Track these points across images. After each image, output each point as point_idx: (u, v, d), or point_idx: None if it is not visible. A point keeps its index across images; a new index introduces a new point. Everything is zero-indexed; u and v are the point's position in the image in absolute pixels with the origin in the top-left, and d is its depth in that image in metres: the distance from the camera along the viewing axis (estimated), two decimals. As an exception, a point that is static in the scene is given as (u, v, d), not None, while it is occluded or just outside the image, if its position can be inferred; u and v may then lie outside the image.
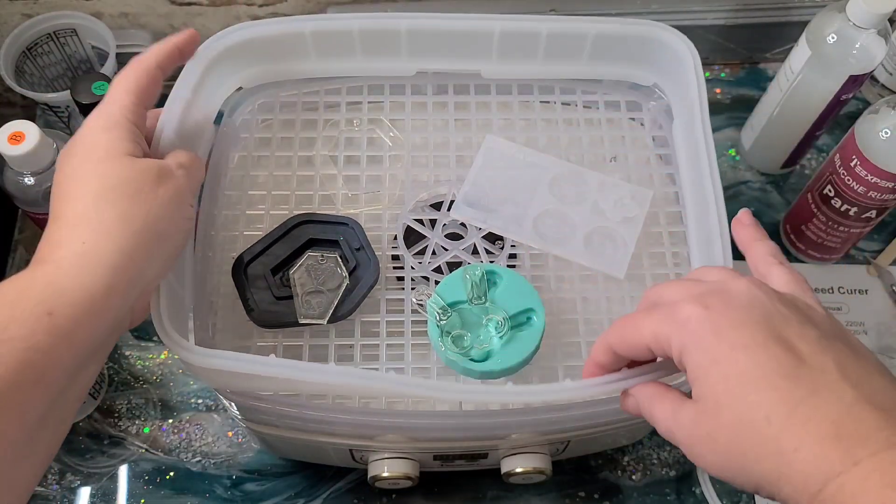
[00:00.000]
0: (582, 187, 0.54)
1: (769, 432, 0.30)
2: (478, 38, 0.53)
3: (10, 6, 0.69)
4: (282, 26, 0.52)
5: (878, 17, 0.57)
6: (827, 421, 0.30)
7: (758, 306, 0.33)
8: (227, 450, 0.60)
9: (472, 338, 0.47)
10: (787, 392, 0.30)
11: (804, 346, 0.31)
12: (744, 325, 0.32)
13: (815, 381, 0.31)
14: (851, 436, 0.29)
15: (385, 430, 0.49)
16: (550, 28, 0.53)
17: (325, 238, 0.50)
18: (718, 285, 0.34)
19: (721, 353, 0.32)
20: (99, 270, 0.35)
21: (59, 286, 0.34)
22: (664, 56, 0.53)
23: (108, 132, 0.39)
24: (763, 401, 0.31)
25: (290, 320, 0.47)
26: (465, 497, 0.58)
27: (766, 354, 0.31)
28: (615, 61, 0.55)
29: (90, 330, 0.34)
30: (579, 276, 0.52)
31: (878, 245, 0.69)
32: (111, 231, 0.36)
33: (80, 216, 0.36)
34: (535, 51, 0.54)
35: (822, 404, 0.30)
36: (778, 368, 0.31)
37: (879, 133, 0.56)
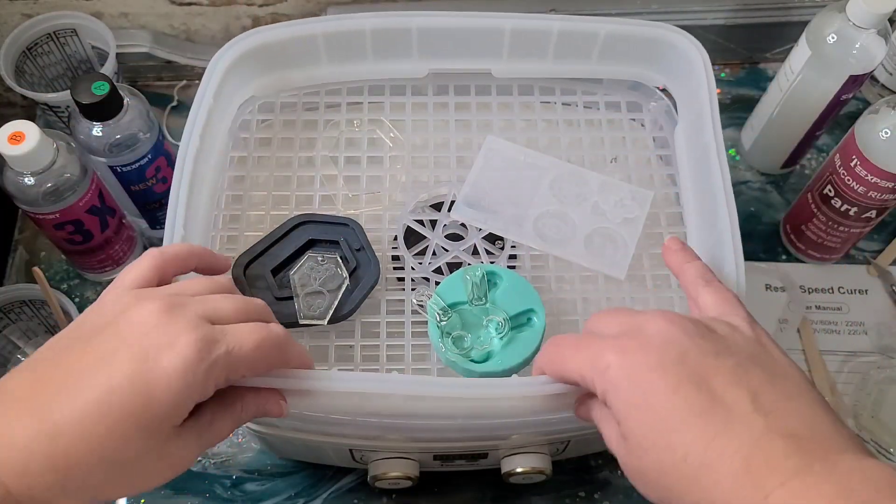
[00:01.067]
0: (582, 188, 0.54)
1: (688, 471, 0.31)
2: (489, 37, 0.54)
3: (10, 6, 0.69)
4: (291, 29, 0.53)
5: (878, 17, 0.57)
6: (739, 455, 0.31)
7: (673, 345, 0.34)
8: (227, 450, 0.60)
9: (473, 339, 0.47)
10: (701, 429, 0.31)
11: (718, 380, 0.32)
12: (657, 369, 0.33)
13: (728, 414, 0.31)
14: (760, 468, 0.30)
15: (385, 430, 0.49)
16: (561, 27, 0.53)
17: (325, 239, 0.50)
18: (638, 325, 0.35)
19: (637, 398, 0.33)
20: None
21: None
22: (673, 58, 0.53)
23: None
24: (679, 442, 0.32)
25: (291, 321, 0.47)
26: (465, 497, 0.58)
27: (679, 396, 0.32)
28: (624, 61, 0.56)
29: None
30: (580, 276, 0.52)
31: (878, 245, 0.69)
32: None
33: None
34: (545, 49, 0.54)
35: (735, 438, 0.31)
36: (691, 408, 0.32)
37: (879, 133, 0.56)
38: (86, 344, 0.34)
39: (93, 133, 0.56)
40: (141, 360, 0.32)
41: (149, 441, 0.33)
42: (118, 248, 0.63)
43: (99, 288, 0.66)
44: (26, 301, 0.61)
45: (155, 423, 0.33)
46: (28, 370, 0.34)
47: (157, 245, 0.66)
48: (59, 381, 0.32)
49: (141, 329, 0.33)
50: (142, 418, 0.32)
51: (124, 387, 0.32)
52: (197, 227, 0.48)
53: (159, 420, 0.33)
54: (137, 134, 0.57)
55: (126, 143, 0.56)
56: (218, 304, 0.37)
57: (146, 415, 0.32)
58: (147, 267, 0.38)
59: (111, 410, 0.32)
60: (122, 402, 0.32)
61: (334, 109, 0.57)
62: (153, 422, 0.33)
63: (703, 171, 0.49)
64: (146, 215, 0.64)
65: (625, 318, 0.36)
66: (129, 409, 0.32)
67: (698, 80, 0.51)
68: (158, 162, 0.59)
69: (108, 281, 0.65)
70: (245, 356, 0.35)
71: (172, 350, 0.33)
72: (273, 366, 0.37)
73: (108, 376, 0.32)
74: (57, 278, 0.66)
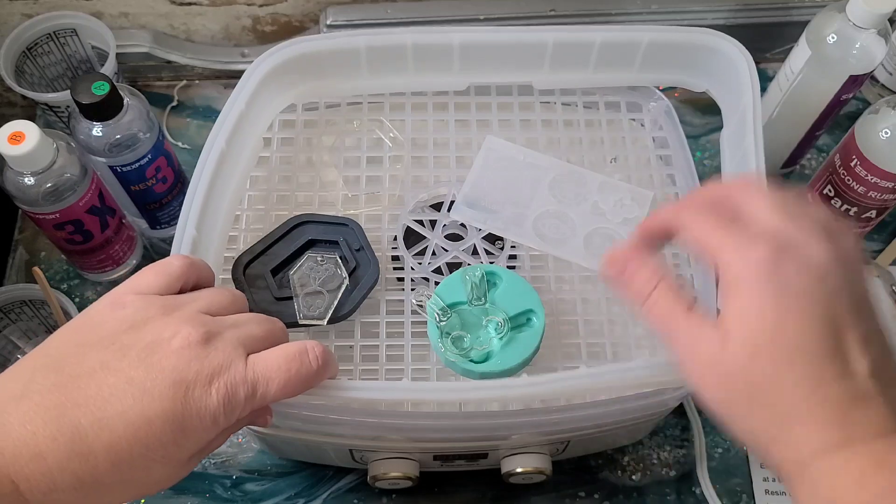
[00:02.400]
0: (582, 188, 0.54)
1: (789, 395, 0.32)
2: (530, 51, 0.53)
3: (10, 6, 0.69)
4: (335, 42, 0.53)
5: (878, 17, 0.56)
6: (840, 407, 0.31)
7: (829, 283, 0.33)
8: (227, 450, 0.60)
9: (472, 339, 0.47)
10: (818, 370, 0.31)
11: (850, 335, 0.32)
12: (807, 296, 0.32)
13: (846, 369, 0.32)
14: (855, 423, 0.31)
15: (385, 430, 0.49)
16: (604, 38, 0.53)
17: (325, 239, 0.50)
18: (799, 242, 0.33)
19: (774, 312, 0.32)
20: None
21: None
22: (717, 63, 0.53)
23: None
24: (796, 370, 0.32)
25: (290, 321, 0.47)
26: (465, 497, 0.58)
27: (815, 332, 0.32)
28: (666, 69, 0.55)
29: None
30: (579, 277, 0.52)
31: (878, 245, 0.69)
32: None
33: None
34: (587, 61, 0.54)
35: (844, 392, 0.31)
36: (819, 348, 0.32)
37: (879, 133, 0.56)
38: (116, 356, 0.33)
39: (93, 133, 0.56)
40: (178, 397, 0.33)
41: (169, 467, 0.34)
42: (118, 248, 0.63)
43: (99, 288, 0.66)
44: (26, 301, 0.61)
45: (180, 455, 0.34)
46: (53, 370, 0.33)
47: (157, 245, 0.67)
48: (91, 396, 0.32)
49: (179, 360, 0.33)
50: (169, 450, 0.33)
51: (159, 422, 0.32)
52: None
53: (186, 453, 0.34)
54: (137, 134, 0.57)
55: (126, 143, 0.56)
56: (252, 330, 0.37)
57: (174, 448, 0.33)
58: (176, 274, 0.38)
59: (143, 443, 0.32)
60: (155, 436, 0.32)
61: (334, 109, 0.57)
62: (180, 453, 0.34)
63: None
64: (146, 215, 0.64)
65: (784, 220, 0.34)
66: (161, 442, 0.33)
67: (742, 84, 0.50)
68: (158, 162, 0.59)
69: (109, 281, 0.65)
70: (272, 396, 0.35)
71: (210, 388, 0.33)
72: (295, 394, 0.37)
73: (144, 407, 0.32)
74: (57, 278, 0.66)
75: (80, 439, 0.31)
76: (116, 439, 0.32)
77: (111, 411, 0.32)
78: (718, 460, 0.60)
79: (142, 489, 0.34)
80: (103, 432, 0.32)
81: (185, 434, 0.33)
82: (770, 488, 0.59)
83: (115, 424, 0.32)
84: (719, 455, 0.60)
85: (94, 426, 0.32)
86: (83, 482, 0.32)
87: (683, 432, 0.61)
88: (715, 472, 0.59)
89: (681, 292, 0.36)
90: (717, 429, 0.61)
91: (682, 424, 0.61)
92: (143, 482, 0.34)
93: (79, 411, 0.32)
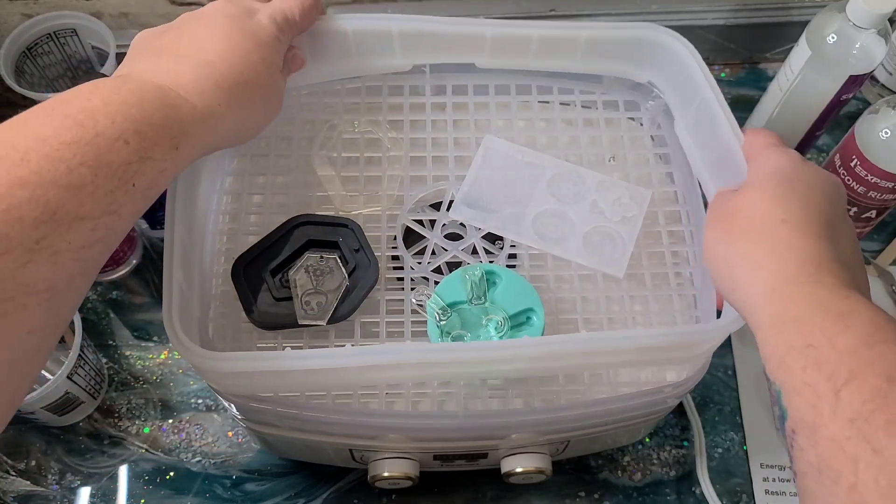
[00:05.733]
0: (581, 187, 0.54)
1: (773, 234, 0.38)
2: (470, 41, 0.53)
3: (10, 6, 0.70)
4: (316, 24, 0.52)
5: (878, 17, 0.56)
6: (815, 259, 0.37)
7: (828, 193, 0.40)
8: (227, 450, 0.60)
9: (472, 338, 0.47)
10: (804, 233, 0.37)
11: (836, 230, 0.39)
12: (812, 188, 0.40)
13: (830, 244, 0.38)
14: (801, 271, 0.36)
15: (385, 430, 0.49)
16: (542, 34, 0.52)
17: (324, 239, 0.50)
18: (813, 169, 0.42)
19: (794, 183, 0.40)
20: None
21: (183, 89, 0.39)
22: (662, 57, 0.53)
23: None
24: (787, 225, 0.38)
25: (290, 322, 0.47)
26: (465, 497, 0.58)
27: (808, 212, 0.38)
28: (609, 63, 0.54)
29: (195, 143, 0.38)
30: (578, 275, 0.52)
31: (878, 245, 0.69)
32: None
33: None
34: (526, 50, 0.53)
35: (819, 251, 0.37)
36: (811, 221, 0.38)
37: (879, 133, 0.56)
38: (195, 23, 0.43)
39: (92, 133, 0.56)
40: (246, 28, 0.43)
41: (270, 70, 0.44)
42: (118, 248, 0.63)
43: (99, 288, 0.66)
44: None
45: (269, 54, 0.44)
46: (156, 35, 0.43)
47: (157, 244, 0.67)
48: (191, 35, 0.42)
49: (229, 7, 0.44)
50: (261, 51, 0.43)
51: (238, 33, 0.43)
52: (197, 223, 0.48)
53: (271, 52, 0.44)
54: (137, 134, 0.57)
55: (125, 143, 0.56)
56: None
57: (262, 48, 0.43)
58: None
59: (241, 48, 0.42)
60: (244, 43, 0.42)
61: (332, 110, 0.57)
62: (268, 53, 0.44)
63: (722, 168, 0.48)
64: (146, 215, 0.64)
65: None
66: (250, 47, 0.42)
67: (692, 73, 0.50)
68: (158, 162, 0.59)
69: (108, 280, 0.66)
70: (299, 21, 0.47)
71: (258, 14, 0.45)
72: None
73: (227, 30, 0.42)
74: (57, 278, 0.66)
75: (201, 59, 0.40)
76: (226, 50, 0.41)
77: (211, 38, 0.42)
78: (718, 460, 0.60)
79: (260, 95, 0.43)
80: (215, 50, 0.41)
81: (261, 41, 0.43)
82: (770, 488, 0.59)
83: (218, 43, 0.41)
84: (719, 455, 0.60)
85: (206, 49, 0.41)
86: (220, 85, 0.40)
87: (683, 432, 0.61)
88: (715, 472, 0.59)
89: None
90: (717, 429, 0.61)
91: (682, 424, 0.61)
92: (259, 86, 0.42)
93: (194, 46, 0.41)
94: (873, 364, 0.30)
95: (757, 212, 0.39)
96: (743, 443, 0.60)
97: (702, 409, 0.61)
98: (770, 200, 0.39)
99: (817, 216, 0.38)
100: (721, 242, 0.40)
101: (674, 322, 0.51)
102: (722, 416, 0.61)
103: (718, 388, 0.62)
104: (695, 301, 0.51)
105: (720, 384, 0.63)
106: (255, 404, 0.46)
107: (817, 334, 0.32)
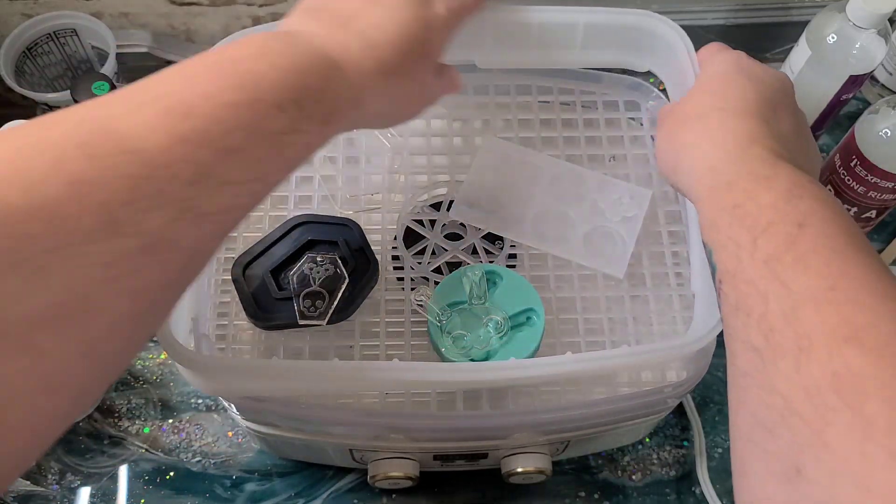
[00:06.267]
0: (581, 187, 0.54)
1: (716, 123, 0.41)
2: (471, 30, 0.52)
3: (10, 6, 0.70)
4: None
5: (878, 17, 0.57)
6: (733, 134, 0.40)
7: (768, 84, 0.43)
8: (227, 450, 0.60)
9: (472, 338, 0.47)
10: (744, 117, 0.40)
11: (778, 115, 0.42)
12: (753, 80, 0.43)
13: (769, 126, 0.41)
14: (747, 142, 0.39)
15: (385, 430, 0.49)
16: (541, 18, 0.52)
17: (324, 239, 0.50)
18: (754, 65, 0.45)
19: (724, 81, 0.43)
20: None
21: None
22: (661, 47, 0.52)
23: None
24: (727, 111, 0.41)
25: (290, 321, 0.47)
26: (465, 497, 0.58)
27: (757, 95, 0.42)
28: (608, 50, 0.54)
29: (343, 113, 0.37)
30: (579, 275, 0.52)
31: (878, 245, 0.69)
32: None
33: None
34: (526, 41, 0.53)
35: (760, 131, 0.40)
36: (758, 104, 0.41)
37: (879, 133, 0.56)
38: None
39: (92, 133, 0.56)
40: (420, 8, 0.42)
41: (426, 64, 0.42)
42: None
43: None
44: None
45: (431, 51, 0.43)
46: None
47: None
48: (369, 11, 0.40)
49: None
50: (425, 45, 0.42)
51: (413, 19, 0.41)
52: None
53: (433, 48, 0.43)
54: (137, 134, 0.57)
55: (126, 143, 0.56)
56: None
57: (428, 42, 0.42)
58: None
59: (411, 38, 0.40)
60: (416, 33, 0.41)
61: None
62: (430, 48, 0.42)
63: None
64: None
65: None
66: (419, 39, 0.41)
67: (683, 65, 0.50)
68: (158, 162, 0.59)
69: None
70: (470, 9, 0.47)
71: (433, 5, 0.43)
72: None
73: (404, 15, 0.41)
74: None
75: (367, 35, 0.39)
76: (398, 32, 0.40)
77: (379, 18, 0.40)
78: (718, 460, 0.60)
79: (414, 83, 0.42)
80: (381, 26, 0.40)
81: (432, 30, 0.42)
82: (770, 488, 0.59)
83: (385, 23, 0.40)
84: (719, 455, 0.60)
85: (372, 27, 0.39)
86: (379, 69, 0.39)
87: (683, 432, 0.61)
88: (715, 472, 0.59)
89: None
90: (717, 429, 0.61)
91: (682, 424, 0.61)
92: (408, 73, 0.41)
93: (357, 20, 0.39)
94: (788, 214, 0.34)
95: (697, 106, 0.43)
96: (743, 443, 0.60)
97: (702, 409, 0.61)
98: (709, 94, 0.43)
99: (754, 102, 0.41)
100: (665, 139, 0.44)
101: (673, 322, 0.51)
102: (722, 416, 0.61)
103: (718, 388, 0.62)
104: (695, 301, 0.51)
105: (720, 384, 0.62)
106: (255, 404, 0.46)
107: (742, 196, 0.36)
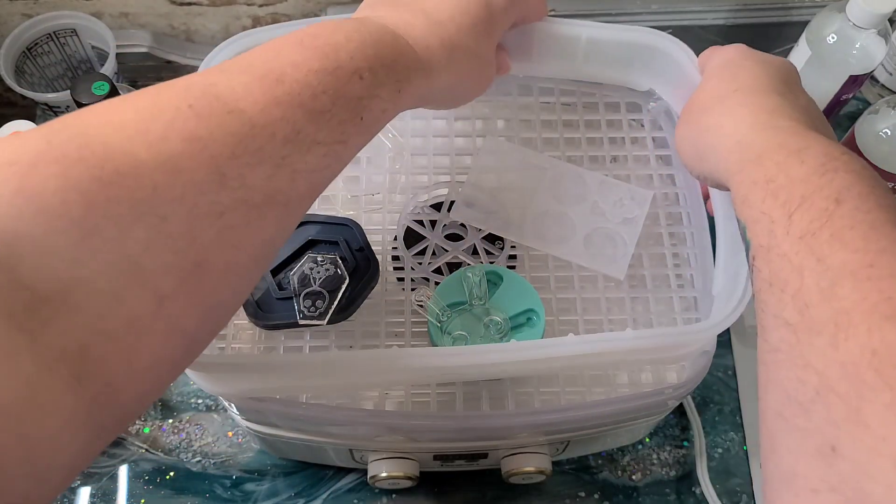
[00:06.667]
0: (582, 188, 0.54)
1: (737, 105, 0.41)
2: None
3: (10, 6, 0.69)
4: (287, 30, 0.51)
5: (878, 17, 0.57)
6: (754, 124, 0.39)
7: (777, 67, 0.43)
8: (227, 450, 0.60)
9: (473, 338, 0.47)
10: (762, 97, 0.40)
11: (793, 94, 0.41)
12: (761, 64, 0.43)
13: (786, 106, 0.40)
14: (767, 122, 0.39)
15: (385, 430, 0.49)
16: (542, 29, 0.51)
17: (324, 239, 0.50)
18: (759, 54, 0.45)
19: (743, 62, 0.43)
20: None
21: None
22: (664, 64, 0.51)
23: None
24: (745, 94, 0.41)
25: (290, 321, 0.47)
26: (465, 497, 0.58)
27: (769, 76, 0.42)
28: (611, 67, 0.53)
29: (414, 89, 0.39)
30: (579, 276, 0.52)
31: (877, 245, 0.69)
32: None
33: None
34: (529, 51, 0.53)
35: (780, 110, 0.39)
36: (771, 82, 0.41)
37: (879, 133, 0.56)
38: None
39: (93, 133, 0.56)
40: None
41: (489, 41, 0.45)
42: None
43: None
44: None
45: (492, 30, 0.44)
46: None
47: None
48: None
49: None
50: (487, 24, 0.44)
51: (475, 2, 0.43)
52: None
53: (495, 27, 0.45)
54: (137, 134, 0.57)
55: (126, 143, 0.56)
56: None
57: (489, 21, 0.44)
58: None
59: (472, 15, 0.43)
60: (477, 11, 0.43)
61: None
62: (492, 27, 0.44)
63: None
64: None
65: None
66: (480, 17, 0.43)
67: (693, 82, 0.50)
68: (158, 162, 0.59)
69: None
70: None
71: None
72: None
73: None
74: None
75: (434, 19, 0.41)
76: (456, 14, 0.42)
77: (449, 6, 0.42)
78: (718, 460, 0.60)
79: (475, 63, 0.44)
80: (446, 11, 0.42)
81: (493, 14, 0.44)
82: (770, 488, 0.59)
83: (448, 4, 0.42)
84: (719, 455, 0.60)
85: (438, 9, 0.42)
86: (444, 44, 0.41)
87: (683, 432, 0.61)
88: (715, 472, 0.59)
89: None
90: (717, 429, 0.61)
91: (682, 424, 0.61)
92: (475, 54, 0.43)
93: (420, 3, 0.42)
94: (823, 189, 0.33)
95: (712, 92, 0.43)
96: (743, 443, 0.60)
97: (702, 410, 0.61)
98: (722, 80, 0.43)
99: (767, 81, 0.41)
100: (684, 128, 0.44)
101: (674, 324, 0.51)
102: (722, 417, 0.61)
103: (718, 388, 0.62)
104: (695, 303, 0.51)
105: (720, 384, 0.63)
106: (255, 403, 0.46)
107: (774, 169, 0.35)
